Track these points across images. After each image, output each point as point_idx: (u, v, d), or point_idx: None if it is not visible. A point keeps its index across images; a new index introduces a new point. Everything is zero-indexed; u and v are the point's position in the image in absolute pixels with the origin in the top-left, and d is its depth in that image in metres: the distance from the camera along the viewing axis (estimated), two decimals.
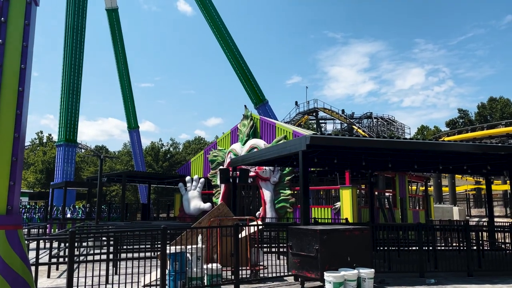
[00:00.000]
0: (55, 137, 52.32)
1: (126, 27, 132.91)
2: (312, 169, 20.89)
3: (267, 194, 20.94)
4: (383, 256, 10.98)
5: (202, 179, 23.77)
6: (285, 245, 10.42)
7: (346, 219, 18.71)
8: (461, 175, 34.45)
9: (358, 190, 18.91)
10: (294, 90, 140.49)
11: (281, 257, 12.32)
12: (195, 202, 23.81)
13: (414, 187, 31.19)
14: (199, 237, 8.70)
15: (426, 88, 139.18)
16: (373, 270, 7.82)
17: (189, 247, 8.23)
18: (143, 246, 11.95)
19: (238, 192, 23.92)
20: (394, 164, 12.79)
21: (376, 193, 22.36)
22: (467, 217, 30.82)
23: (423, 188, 28.36)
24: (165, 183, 28.43)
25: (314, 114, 62.68)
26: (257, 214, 21.31)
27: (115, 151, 75.19)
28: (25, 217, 27.60)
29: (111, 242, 10.46)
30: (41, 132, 63.36)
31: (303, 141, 9.20)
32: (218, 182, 23.13)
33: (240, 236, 9.22)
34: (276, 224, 17.35)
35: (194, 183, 23.80)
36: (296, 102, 64.00)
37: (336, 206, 19.38)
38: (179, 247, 8.21)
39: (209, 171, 24.38)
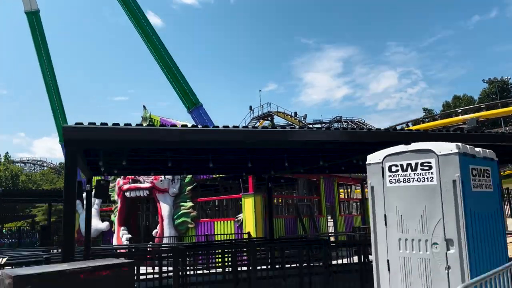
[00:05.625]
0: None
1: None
2: (212, 175, 17.89)
3: (165, 209, 17.78)
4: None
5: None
6: None
7: (249, 233, 15.77)
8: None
9: (264, 198, 15.97)
10: (271, 97, 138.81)
11: None
12: (92, 222, 20.42)
13: (358, 190, 28.63)
14: None
15: (399, 90, 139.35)
16: None
17: None
18: None
19: (134, 207, 20.79)
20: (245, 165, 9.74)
21: (296, 200, 19.56)
22: None
23: (359, 190, 25.75)
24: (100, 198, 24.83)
25: (269, 119, 59.99)
26: (153, 232, 18.14)
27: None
28: None
29: None
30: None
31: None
32: (116, 197, 19.88)
33: None
34: None
35: (97, 199, 20.45)
36: (250, 107, 61.18)
37: (239, 218, 16.40)
38: None
39: (109, 185, 21.06)
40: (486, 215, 5.36)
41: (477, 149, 5.52)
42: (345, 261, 10.24)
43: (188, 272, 9.35)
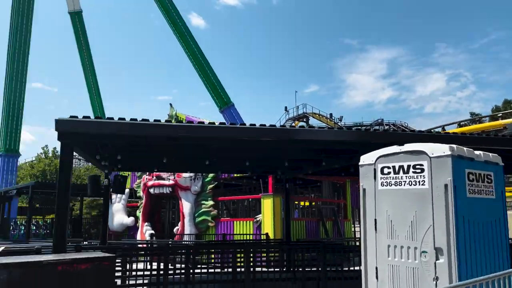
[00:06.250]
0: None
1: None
2: (233, 175, 17.83)
3: (186, 206, 17.89)
4: None
5: (127, 190, 20.87)
6: None
7: (266, 234, 15.60)
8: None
9: (283, 199, 15.72)
10: (311, 99, 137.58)
11: None
12: (118, 216, 20.95)
13: None
14: None
15: (447, 94, 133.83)
16: None
17: None
18: None
19: (158, 204, 21.07)
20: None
21: (319, 202, 19.16)
22: None
23: None
24: (94, 195, 25.58)
25: (304, 120, 59.41)
26: (175, 229, 18.31)
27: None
28: None
29: None
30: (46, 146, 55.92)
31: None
32: (141, 193, 20.25)
33: None
34: None
35: (119, 194, 20.95)
36: (286, 108, 60.85)
37: (258, 219, 16.23)
38: None
39: (136, 180, 21.50)
40: (484, 223, 4.93)
41: (477, 152, 5.09)
42: (356, 268, 9.83)
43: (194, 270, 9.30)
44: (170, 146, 7.57)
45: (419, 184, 4.93)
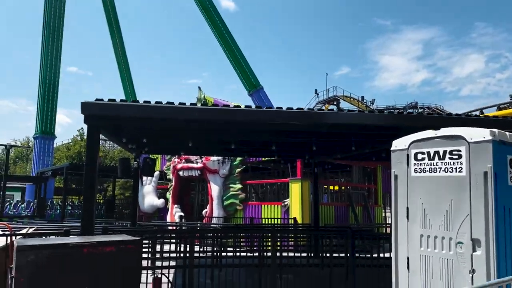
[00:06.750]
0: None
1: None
2: (260, 158, 17.71)
3: (215, 189, 17.99)
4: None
5: (157, 172, 21.19)
6: None
7: (294, 218, 15.49)
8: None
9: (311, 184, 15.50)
10: (343, 82, 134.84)
11: None
12: (149, 198, 21.35)
13: None
14: None
15: (486, 76, 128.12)
16: None
17: None
18: None
19: (188, 187, 21.28)
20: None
21: (349, 187, 18.83)
22: None
23: None
24: (124, 177, 26.08)
25: (335, 103, 58.42)
26: (203, 212, 18.46)
27: None
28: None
29: None
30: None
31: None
32: (171, 176, 20.51)
33: None
34: None
35: (149, 177, 21.28)
36: (316, 91, 59.95)
37: (286, 203, 16.13)
38: None
39: (166, 163, 21.77)
40: None
41: None
42: (387, 255, 9.56)
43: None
44: (193, 130, 7.48)
45: (456, 171, 4.62)
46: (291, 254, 9.47)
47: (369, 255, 9.53)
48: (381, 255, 8.79)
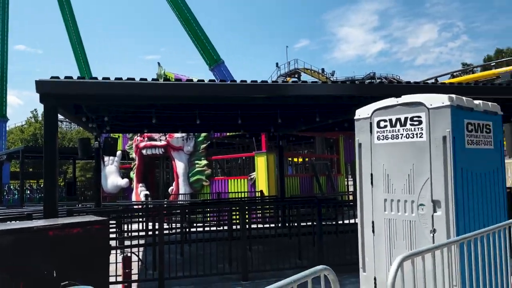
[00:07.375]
0: None
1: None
2: (225, 134, 17.69)
3: (180, 166, 17.84)
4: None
5: (119, 152, 20.68)
6: None
7: (261, 191, 15.68)
8: None
9: (276, 156, 15.67)
10: (303, 55, 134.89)
11: None
12: (112, 178, 20.93)
13: None
14: None
15: (439, 45, 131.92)
16: None
17: None
18: None
19: (152, 165, 21.02)
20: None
21: (313, 158, 19.20)
22: None
23: None
24: (85, 158, 25.38)
25: (296, 76, 58.74)
26: (169, 189, 18.34)
27: None
28: None
29: None
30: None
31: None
32: (134, 155, 20.13)
33: None
34: None
35: (111, 157, 20.79)
36: (277, 64, 60.03)
37: (252, 177, 16.27)
38: None
39: (127, 142, 21.31)
40: (482, 174, 4.85)
41: (476, 101, 4.92)
42: (352, 221, 9.88)
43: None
44: (157, 107, 7.32)
45: (417, 137, 4.79)
46: (260, 226, 9.63)
47: (334, 222, 9.87)
48: (346, 221, 9.09)
